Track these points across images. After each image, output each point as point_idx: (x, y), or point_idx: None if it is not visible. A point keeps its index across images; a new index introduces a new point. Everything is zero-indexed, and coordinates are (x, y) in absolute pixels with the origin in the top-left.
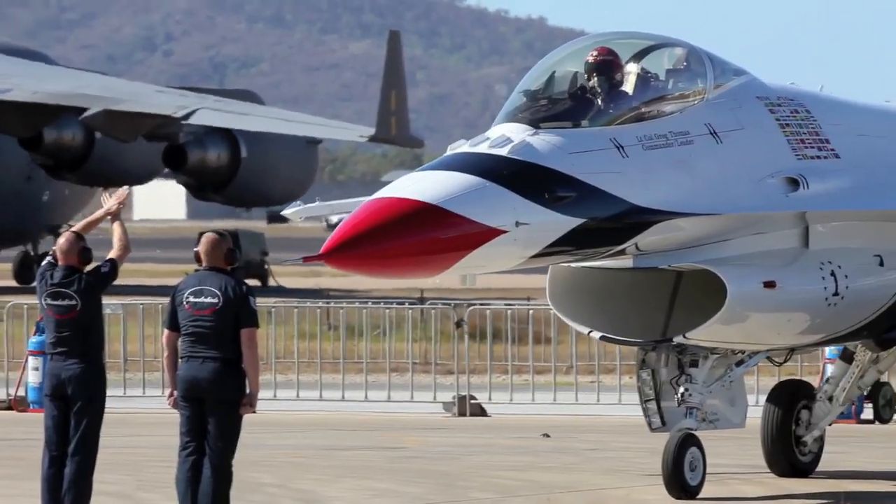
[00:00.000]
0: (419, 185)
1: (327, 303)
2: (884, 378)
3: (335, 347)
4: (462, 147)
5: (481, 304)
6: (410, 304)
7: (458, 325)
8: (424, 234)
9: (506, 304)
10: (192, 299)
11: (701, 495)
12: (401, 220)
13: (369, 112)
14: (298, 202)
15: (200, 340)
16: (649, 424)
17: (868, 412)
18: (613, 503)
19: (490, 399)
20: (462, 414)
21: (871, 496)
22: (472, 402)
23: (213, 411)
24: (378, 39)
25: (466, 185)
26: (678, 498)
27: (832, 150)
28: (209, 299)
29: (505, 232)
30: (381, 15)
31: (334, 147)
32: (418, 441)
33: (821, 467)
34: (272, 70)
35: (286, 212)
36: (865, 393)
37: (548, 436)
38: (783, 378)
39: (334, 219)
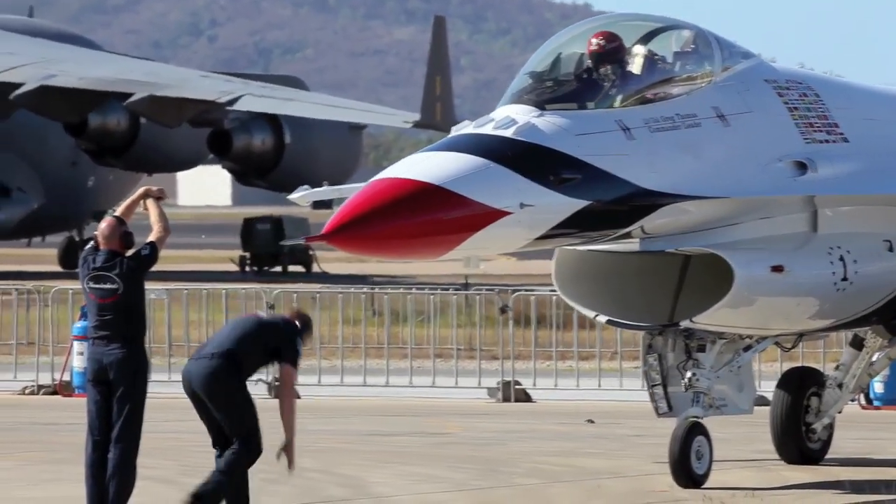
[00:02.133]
0: (423, 166)
1: (371, 288)
2: None
3: (379, 333)
4: (467, 128)
5: (526, 290)
6: (455, 289)
7: (503, 310)
8: (428, 215)
9: (550, 290)
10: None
11: (707, 484)
12: (404, 200)
13: (414, 98)
14: (306, 186)
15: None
16: (656, 410)
17: None
18: (658, 489)
19: (535, 385)
20: (506, 399)
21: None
22: (517, 387)
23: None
24: (423, 25)
25: (471, 166)
26: (685, 486)
27: (841, 134)
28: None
29: (509, 213)
30: (426, 0)
31: (379, 133)
32: (462, 427)
33: (848, 453)
34: (317, 55)
35: (292, 196)
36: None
37: (592, 422)
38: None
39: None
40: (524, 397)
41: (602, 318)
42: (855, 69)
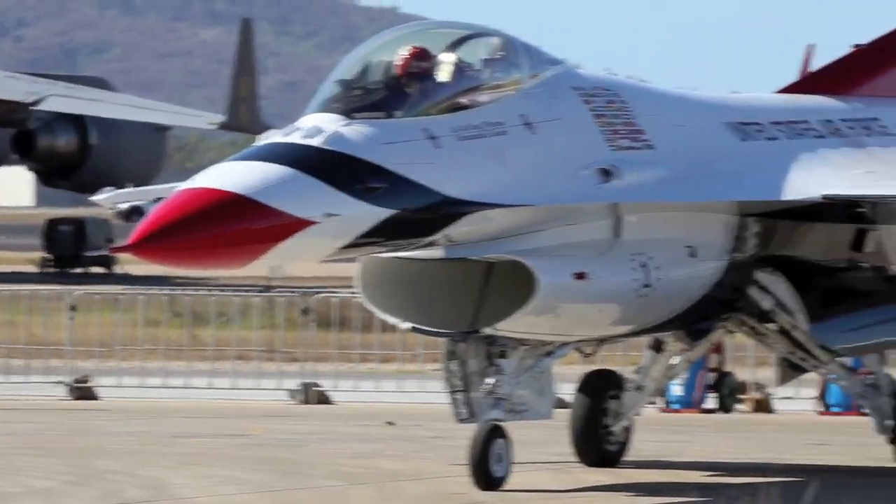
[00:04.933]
0: (229, 176)
1: (173, 290)
2: (727, 368)
3: (181, 335)
4: (274, 137)
5: (328, 293)
6: (257, 291)
7: (305, 312)
8: (233, 225)
9: (352, 293)
10: None
11: (505, 487)
12: (210, 210)
13: (220, 99)
14: (111, 188)
15: None
16: (457, 415)
17: (712, 401)
18: (457, 491)
19: (336, 387)
20: (307, 401)
21: (676, 487)
22: (318, 389)
23: None
24: (229, 27)
25: (277, 175)
26: (484, 489)
27: (646, 140)
28: None
29: (315, 223)
30: (232, 2)
31: (184, 134)
32: (263, 429)
33: (647, 456)
34: (123, 56)
35: (96, 197)
36: (710, 383)
37: (392, 424)
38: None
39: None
40: (324, 399)
41: (406, 325)
42: (662, 74)
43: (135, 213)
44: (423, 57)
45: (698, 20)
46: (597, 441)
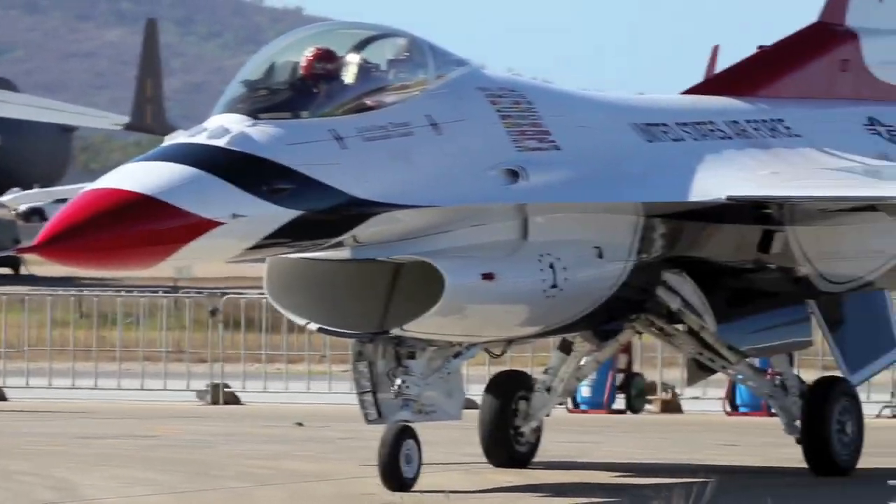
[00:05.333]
0: (135, 176)
1: (80, 291)
2: (636, 368)
3: (88, 336)
4: (180, 138)
5: (236, 293)
6: (164, 292)
7: (213, 313)
8: (140, 226)
9: (260, 293)
10: None
11: (415, 487)
12: (116, 211)
13: (125, 100)
14: (17, 188)
15: None
16: (365, 416)
17: (620, 402)
18: (366, 492)
19: (244, 388)
20: (215, 402)
21: (585, 488)
22: (226, 390)
23: None
24: (133, 27)
25: (183, 176)
26: (394, 490)
27: (553, 141)
28: None
29: (221, 224)
30: (137, 2)
31: (89, 135)
32: (172, 429)
33: (556, 456)
34: (27, 57)
35: (2, 198)
36: (619, 383)
37: (301, 424)
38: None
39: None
40: (233, 400)
41: (313, 326)
42: (565, 75)
43: (34, 214)
44: (328, 58)
45: (602, 20)
46: (506, 442)
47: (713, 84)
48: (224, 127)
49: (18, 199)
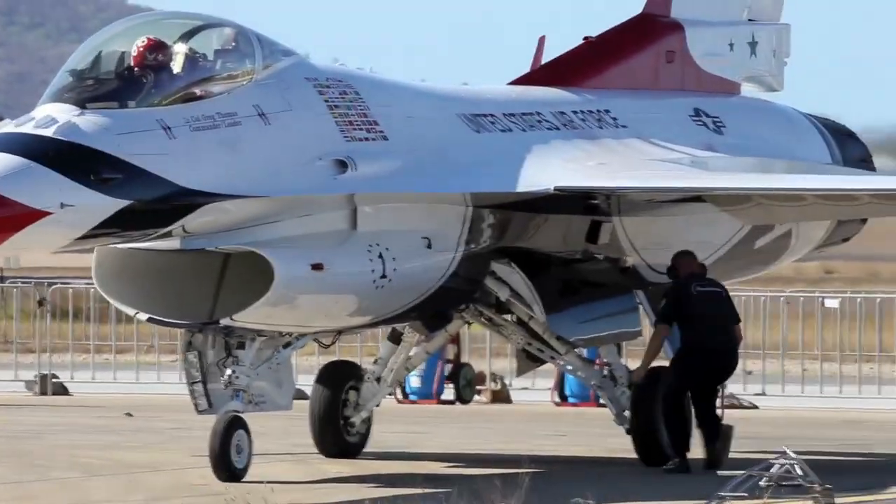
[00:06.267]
0: None
1: None
2: (464, 359)
3: None
4: (6, 127)
5: (63, 283)
6: None
7: (41, 303)
8: None
9: (87, 283)
10: None
11: (247, 477)
12: None
13: None
14: None
15: None
16: (196, 407)
17: (449, 392)
18: (197, 482)
19: (72, 378)
20: (44, 393)
21: (415, 478)
22: (54, 380)
23: None
24: None
25: (9, 165)
26: (225, 480)
27: (381, 132)
28: None
29: (49, 213)
30: None
31: None
32: None
33: (386, 447)
34: None
35: None
36: (448, 374)
37: (131, 415)
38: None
39: None
40: (62, 391)
41: (142, 317)
42: (389, 65)
43: None
44: (156, 47)
45: (426, 9)
46: (337, 432)
47: (540, 75)
48: (51, 116)
49: None
